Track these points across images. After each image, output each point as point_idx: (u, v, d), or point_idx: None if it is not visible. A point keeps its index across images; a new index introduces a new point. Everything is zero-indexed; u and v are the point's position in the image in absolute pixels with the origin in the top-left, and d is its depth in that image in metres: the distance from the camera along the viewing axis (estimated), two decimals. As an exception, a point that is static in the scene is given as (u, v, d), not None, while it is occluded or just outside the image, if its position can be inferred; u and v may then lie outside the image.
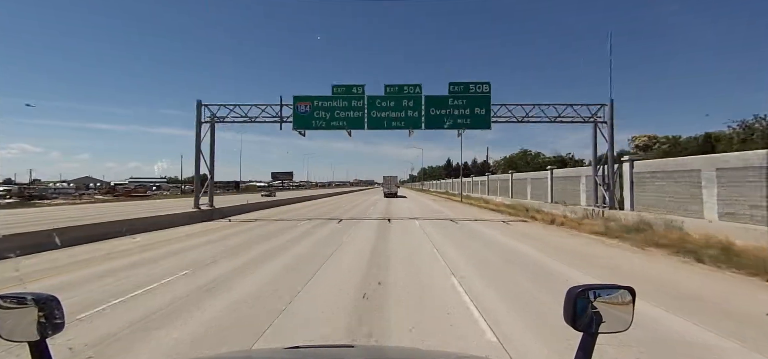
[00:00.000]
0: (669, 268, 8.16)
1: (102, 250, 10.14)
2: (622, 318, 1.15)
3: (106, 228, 12.99)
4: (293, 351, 1.48)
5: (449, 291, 6.20)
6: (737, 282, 7.03)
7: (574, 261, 8.81)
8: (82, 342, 4.10)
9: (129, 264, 8.37)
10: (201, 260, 8.82)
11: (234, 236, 13.32)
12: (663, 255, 9.54)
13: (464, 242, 11.96)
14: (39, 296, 1.07)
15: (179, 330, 4.50)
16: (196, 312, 5.09)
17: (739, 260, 7.96)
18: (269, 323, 4.72)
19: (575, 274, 7.50)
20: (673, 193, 14.07)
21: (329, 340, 4.11)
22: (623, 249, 10.58)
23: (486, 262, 8.72)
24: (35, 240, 10.30)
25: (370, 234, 13.72)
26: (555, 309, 4.64)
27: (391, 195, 47.67)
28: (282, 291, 6.19)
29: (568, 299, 1.11)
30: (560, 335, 4.12)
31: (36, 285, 6.71)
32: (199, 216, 19.19)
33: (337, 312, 5.17)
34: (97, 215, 18.86)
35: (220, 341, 4.20)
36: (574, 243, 11.86)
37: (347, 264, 8.36)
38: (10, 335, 1.03)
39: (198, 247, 10.84)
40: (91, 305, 5.38)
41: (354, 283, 6.68)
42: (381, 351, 1.82)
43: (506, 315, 5.03)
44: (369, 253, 9.74)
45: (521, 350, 3.95)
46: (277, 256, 9.37)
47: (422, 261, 8.73)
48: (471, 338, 4.30)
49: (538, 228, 15.99)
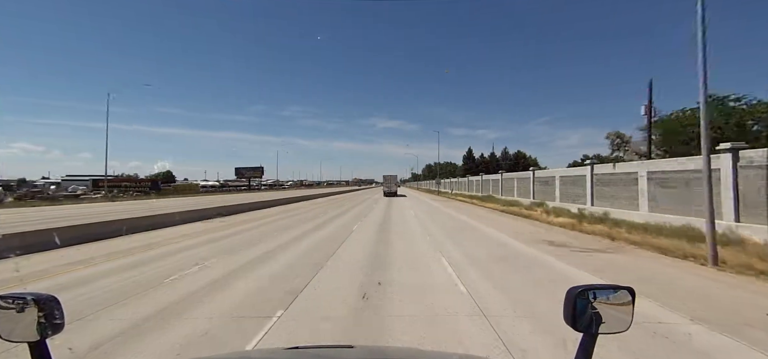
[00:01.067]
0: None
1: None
2: (621, 318, 1.15)
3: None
4: (293, 352, 1.48)
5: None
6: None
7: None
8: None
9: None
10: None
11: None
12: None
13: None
14: (39, 296, 1.07)
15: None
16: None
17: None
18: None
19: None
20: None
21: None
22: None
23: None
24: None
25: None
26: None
27: (392, 194, 49.24)
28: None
29: (568, 299, 1.11)
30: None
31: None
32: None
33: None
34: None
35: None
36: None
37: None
38: (10, 335, 1.03)
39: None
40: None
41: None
42: (381, 352, 1.82)
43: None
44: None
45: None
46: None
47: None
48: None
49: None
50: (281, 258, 9.09)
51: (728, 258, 8.29)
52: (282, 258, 9.09)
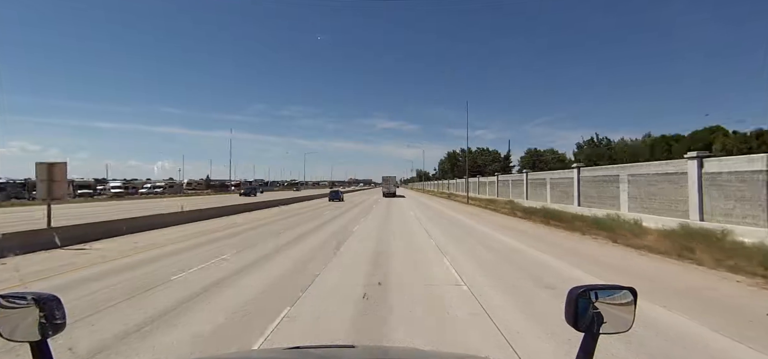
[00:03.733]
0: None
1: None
2: (623, 318, 1.14)
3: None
4: (293, 352, 1.48)
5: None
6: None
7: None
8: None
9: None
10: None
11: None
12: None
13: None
14: (40, 296, 1.06)
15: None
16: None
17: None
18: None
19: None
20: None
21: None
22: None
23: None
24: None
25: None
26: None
27: (390, 195, 52.19)
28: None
29: (570, 299, 1.11)
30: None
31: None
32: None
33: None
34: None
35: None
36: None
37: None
38: (11, 335, 1.03)
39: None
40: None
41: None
42: (382, 352, 1.82)
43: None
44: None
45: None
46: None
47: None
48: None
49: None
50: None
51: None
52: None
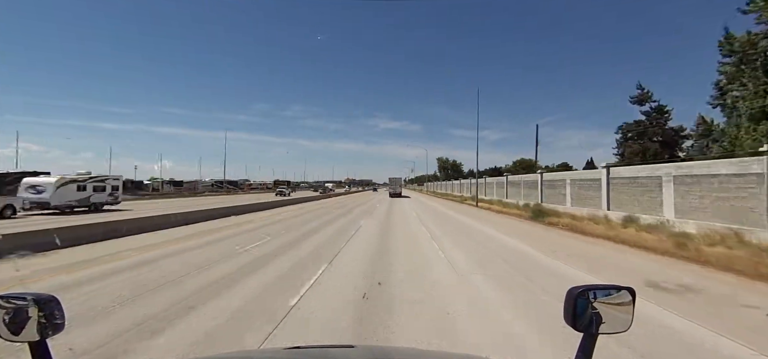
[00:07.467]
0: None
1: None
2: (621, 318, 1.14)
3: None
4: (293, 351, 1.48)
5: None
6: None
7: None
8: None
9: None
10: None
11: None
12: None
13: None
14: (39, 296, 1.06)
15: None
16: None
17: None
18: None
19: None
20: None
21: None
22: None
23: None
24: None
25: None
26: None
27: (396, 195, 53.68)
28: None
29: (568, 299, 1.11)
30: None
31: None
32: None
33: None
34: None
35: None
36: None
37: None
38: (10, 335, 1.03)
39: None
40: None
41: None
42: (382, 352, 1.81)
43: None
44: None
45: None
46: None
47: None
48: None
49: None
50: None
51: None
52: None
